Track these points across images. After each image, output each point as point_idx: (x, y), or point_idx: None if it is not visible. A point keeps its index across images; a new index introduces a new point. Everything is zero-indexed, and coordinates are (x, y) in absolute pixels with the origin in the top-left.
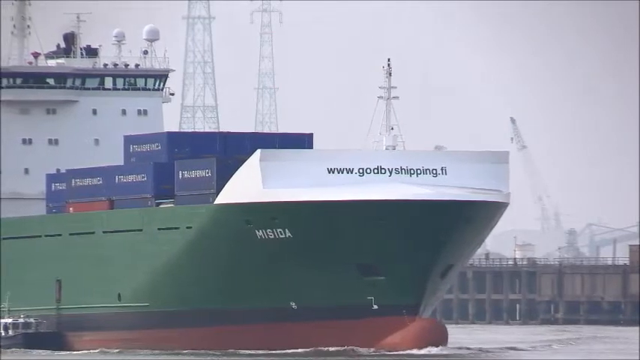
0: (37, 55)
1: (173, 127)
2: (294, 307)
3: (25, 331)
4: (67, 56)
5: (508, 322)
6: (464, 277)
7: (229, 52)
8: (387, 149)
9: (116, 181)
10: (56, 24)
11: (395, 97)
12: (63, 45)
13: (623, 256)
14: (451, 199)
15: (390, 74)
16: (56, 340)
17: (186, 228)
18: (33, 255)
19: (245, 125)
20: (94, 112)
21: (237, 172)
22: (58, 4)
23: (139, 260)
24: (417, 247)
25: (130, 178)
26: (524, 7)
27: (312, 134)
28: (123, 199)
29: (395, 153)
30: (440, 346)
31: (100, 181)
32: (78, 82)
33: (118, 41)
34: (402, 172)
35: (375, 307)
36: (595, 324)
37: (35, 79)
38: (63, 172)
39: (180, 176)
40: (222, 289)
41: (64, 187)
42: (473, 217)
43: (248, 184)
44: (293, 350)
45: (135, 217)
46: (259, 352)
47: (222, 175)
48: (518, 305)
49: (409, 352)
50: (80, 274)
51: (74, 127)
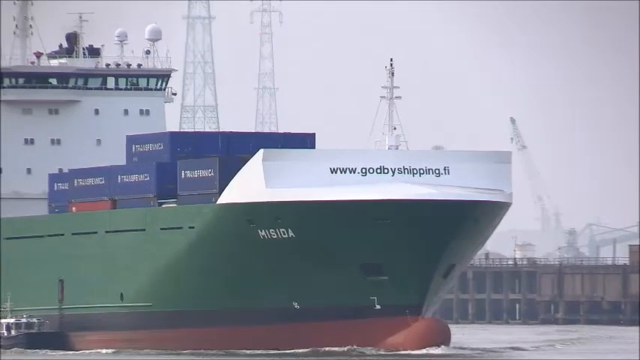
0: (39, 55)
1: (173, 127)
2: (296, 307)
3: (28, 331)
4: (69, 56)
5: (508, 322)
6: (464, 277)
7: (229, 52)
8: (389, 149)
9: (119, 181)
10: (58, 24)
11: (398, 97)
12: (65, 45)
13: (623, 256)
14: (454, 198)
15: (393, 74)
16: (59, 340)
17: (189, 228)
18: (35, 255)
19: (245, 125)
20: (96, 112)
21: (239, 172)
22: (60, 4)
23: (141, 260)
24: (420, 247)
25: (133, 177)
26: (524, 7)
27: (314, 134)
28: (125, 198)
29: (398, 153)
30: (443, 346)
31: (103, 181)
32: (80, 82)
33: (120, 41)
34: (405, 171)
35: (378, 307)
36: (595, 324)
37: (38, 79)
38: (65, 172)
39: (183, 176)
40: (224, 289)
41: (66, 187)
42: (476, 217)
43: (251, 183)
44: (296, 350)
45: (137, 217)
46: (262, 352)
47: (225, 175)
48: (518, 305)
49: (412, 352)
50: (83, 274)
51: (76, 127)
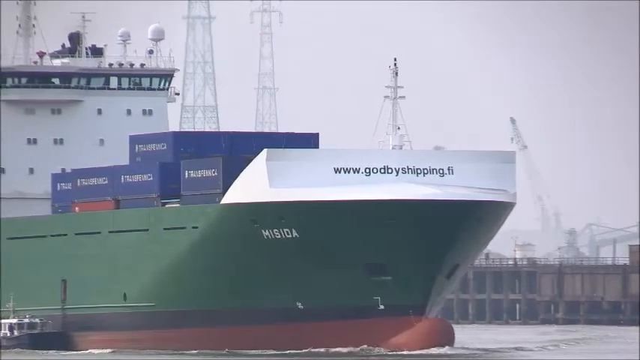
0: (42, 55)
1: (173, 127)
2: (300, 307)
3: (31, 332)
4: (72, 56)
5: (508, 322)
6: (464, 277)
7: (229, 52)
8: (393, 149)
9: (122, 181)
10: (61, 23)
11: (401, 97)
12: (68, 44)
13: (623, 256)
14: (458, 198)
15: (397, 74)
16: (61, 341)
17: (193, 228)
18: (38, 255)
19: (245, 125)
20: (99, 111)
21: (243, 172)
22: (63, 3)
23: (144, 260)
24: (424, 247)
25: (136, 177)
26: (524, 7)
27: (318, 134)
28: (129, 198)
29: (401, 153)
30: (446, 347)
31: (106, 181)
32: (83, 81)
33: (123, 41)
34: (409, 171)
35: (382, 307)
36: (595, 324)
37: (40, 78)
38: (68, 171)
39: (187, 176)
40: (228, 289)
41: (69, 187)
42: (480, 217)
43: (254, 183)
44: (299, 350)
45: (141, 217)
46: (265, 352)
47: (229, 175)
48: (518, 305)
49: (419, 352)
50: (86, 274)
51: (79, 127)
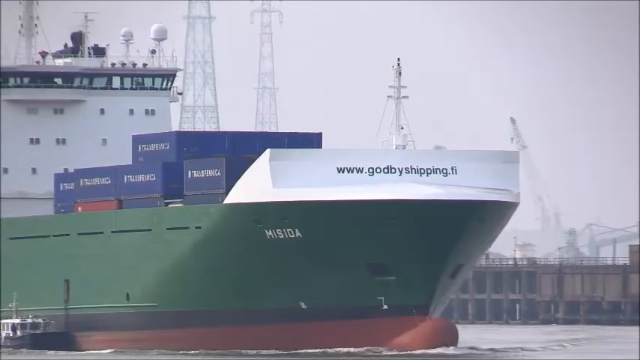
0: (44, 55)
1: (173, 128)
2: (303, 307)
3: (33, 332)
4: (74, 56)
5: (508, 322)
6: None
7: (229, 52)
8: (397, 149)
9: (125, 181)
10: (64, 23)
11: (405, 97)
12: (70, 44)
13: (623, 256)
14: (462, 198)
15: (400, 74)
16: (64, 341)
17: (196, 228)
18: (41, 255)
19: (245, 125)
20: (101, 111)
21: (246, 172)
22: (65, 3)
23: (147, 260)
24: (428, 247)
25: (139, 177)
26: (524, 7)
27: (321, 134)
28: (131, 198)
29: (405, 152)
30: (450, 347)
31: (109, 181)
32: (85, 81)
33: (125, 40)
34: (413, 171)
35: (385, 307)
36: (595, 324)
37: (43, 78)
38: (71, 171)
39: (190, 176)
40: (231, 289)
41: (72, 187)
42: (483, 217)
43: (258, 183)
44: (303, 350)
45: (144, 217)
46: (268, 352)
47: (232, 175)
48: (518, 305)
49: (420, 352)
50: (89, 274)
51: (82, 127)
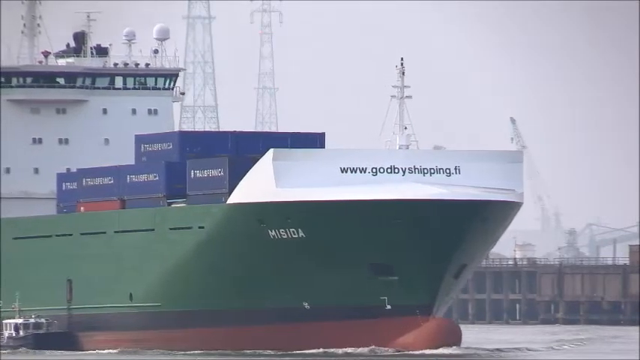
0: (47, 55)
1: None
2: (307, 307)
3: (36, 332)
4: (77, 55)
5: (508, 322)
6: None
7: (229, 52)
8: (400, 149)
9: (127, 181)
10: (66, 23)
11: (408, 97)
12: (73, 44)
13: (623, 256)
14: (465, 198)
15: (404, 73)
16: (67, 341)
17: (199, 228)
18: (44, 255)
19: (245, 125)
20: (104, 111)
21: (249, 172)
22: (68, 3)
23: (150, 260)
24: (431, 247)
25: (142, 177)
26: (524, 7)
27: (324, 133)
28: (134, 198)
29: (408, 152)
30: (454, 346)
31: (112, 181)
32: (88, 81)
33: (128, 40)
34: (416, 171)
35: (389, 307)
36: (595, 324)
37: (45, 78)
38: (73, 171)
39: (192, 175)
40: (234, 289)
41: (74, 187)
42: (487, 217)
43: (261, 183)
44: (306, 351)
45: (147, 217)
46: (271, 352)
47: (235, 175)
48: (518, 305)
49: (423, 352)
50: (91, 274)
51: (84, 127)
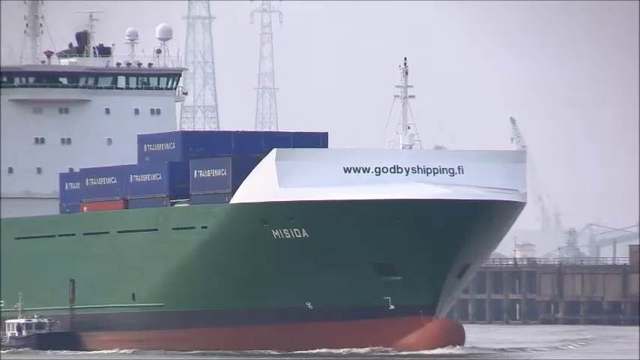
0: (49, 54)
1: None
2: (310, 307)
3: (39, 332)
4: (79, 55)
5: (508, 322)
6: None
7: (229, 52)
8: (403, 148)
9: (130, 181)
10: (69, 23)
11: (411, 96)
12: (76, 44)
13: (623, 256)
14: (469, 198)
15: (407, 73)
16: (70, 341)
17: (202, 228)
18: (46, 255)
19: (245, 125)
20: (106, 111)
21: (252, 172)
22: (70, 3)
23: (153, 260)
24: (434, 247)
25: (145, 177)
26: (524, 7)
27: (327, 133)
28: (137, 198)
29: (412, 152)
30: (457, 346)
31: (115, 181)
32: (91, 81)
33: (131, 40)
34: (419, 171)
35: (392, 307)
36: (595, 324)
37: (48, 78)
38: (76, 171)
39: (196, 175)
40: (237, 289)
41: (77, 187)
42: (491, 217)
43: (264, 183)
44: (309, 351)
45: (150, 217)
46: (275, 352)
47: (238, 175)
48: (518, 305)
49: (426, 352)
50: (94, 274)
51: (87, 127)
